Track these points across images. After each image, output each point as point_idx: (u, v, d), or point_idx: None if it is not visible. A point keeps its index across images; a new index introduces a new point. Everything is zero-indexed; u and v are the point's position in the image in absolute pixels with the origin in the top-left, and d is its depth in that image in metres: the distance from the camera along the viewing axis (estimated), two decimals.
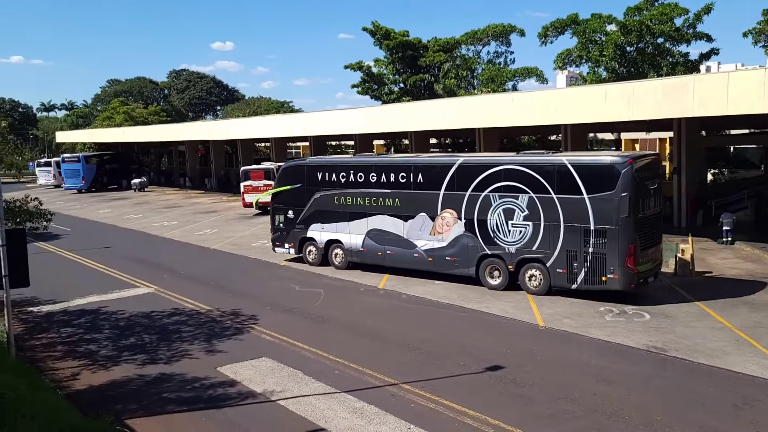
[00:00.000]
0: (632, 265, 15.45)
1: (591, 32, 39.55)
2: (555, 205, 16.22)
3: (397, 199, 19.14)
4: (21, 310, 16.67)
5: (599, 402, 10.26)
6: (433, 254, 18.57)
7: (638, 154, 16.62)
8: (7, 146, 18.71)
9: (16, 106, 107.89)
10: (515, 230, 17.02)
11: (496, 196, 17.21)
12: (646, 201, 16.04)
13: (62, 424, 8.46)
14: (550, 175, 16.36)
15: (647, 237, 16.10)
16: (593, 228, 15.70)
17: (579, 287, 16.22)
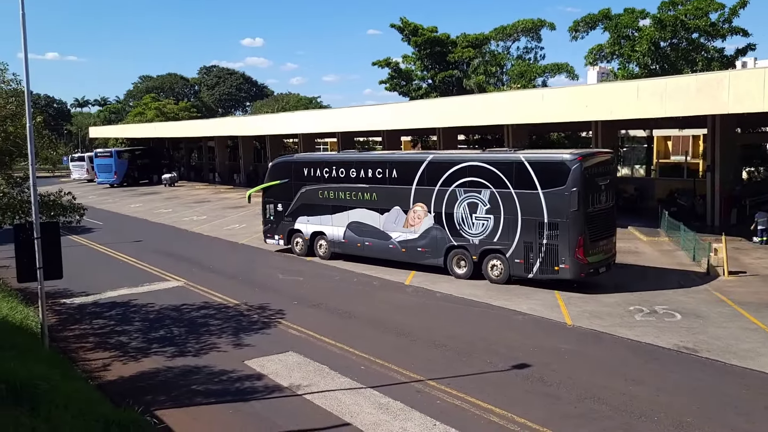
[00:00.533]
0: (582, 256, 16.42)
1: (623, 27, 38.89)
2: (513, 200, 17.30)
3: (375, 194, 20.36)
4: (54, 302, 17.01)
5: (628, 402, 10.12)
6: (406, 245, 19.70)
7: (589, 152, 17.87)
8: (43, 141, 19.11)
9: (51, 101, 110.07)
10: (478, 223, 18.11)
11: (461, 190, 18.34)
12: (597, 196, 16.90)
13: (94, 414, 8.61)
14: (508, 171, 17.43)
15: (598, 230, 16.98)
16: (547, 221, 16.72)
17: (535, 276, 17.20)
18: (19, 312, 14.15)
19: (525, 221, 17.13)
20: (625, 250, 22.32)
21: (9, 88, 17.40)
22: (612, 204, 17.79)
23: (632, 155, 42.89)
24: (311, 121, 42.12)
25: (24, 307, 14.81)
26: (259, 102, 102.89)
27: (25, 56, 11.41)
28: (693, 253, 20.45)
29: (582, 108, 23.67)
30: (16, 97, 17.16)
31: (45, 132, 20.69)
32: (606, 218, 17.42)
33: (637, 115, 22.79)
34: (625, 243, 23.71)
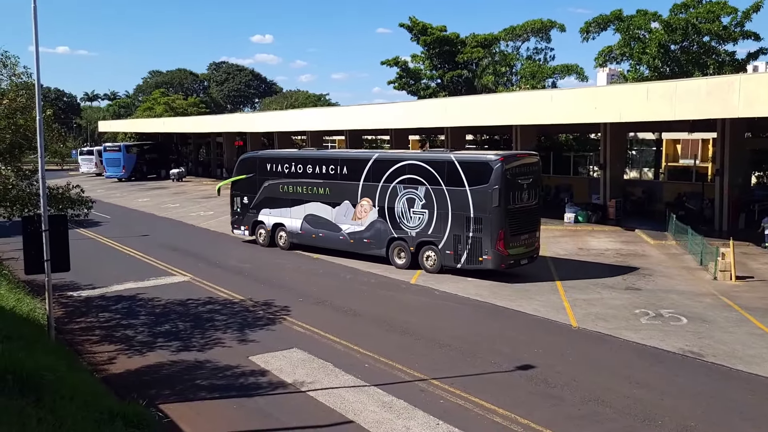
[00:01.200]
0: (502, 249, 17.88)
1: (635, 29, 38.73)
2: (445, 196, 18.77)
3: (328, 189, 21.93)
4: (61, 294, 17.10)
5: (632, 405, 10.09)
6: (354, 237, 21.23)
7: (511, 154, 19.34)
8: (52, 134, 19.19)
9: (61, 95, 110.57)
10: (415, 217, 19.62)
11: (401, 187, 19.86)
12: (518, 194, 18.28)
13: (99, 406, 8.65)
14: (441, 170, 18.92)
15: (519, 225, 18.39)
16: (472, 216, 18.20)
17: (463, 266, 18.64)
18: (26, 304, 14.23)
19: (454, 216, 18.58)
20: (632, 253, 22.29)
21: (20, 81, 17.49)
22: (535, 202, 19.07)
23: (641, 158, 42.74)
24: (319, 119, 42.15)
25: (31, 299, 14.89)
26: (268, 99, 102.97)
27: (36, 50, 11.47)
28: (700, 257, 20.37)
29: (591, 110, 23.59)
30: (27, 90, 17.26)
31: (54, 125, 20.77)
32: (528, 215, 18.79)
33: (647, 117, 22.70)
34: (632, 246, 23.67)
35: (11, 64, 16.95)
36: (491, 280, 18.23)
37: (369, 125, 38.63)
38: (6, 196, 16.43)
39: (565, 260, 21.32)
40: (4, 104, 16.84)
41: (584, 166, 40.79)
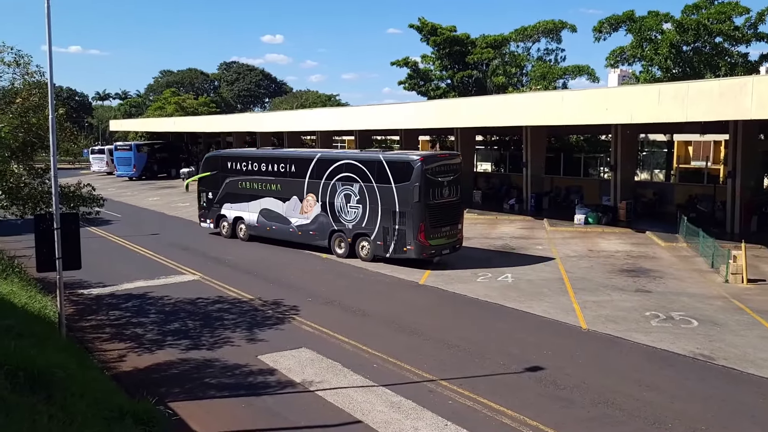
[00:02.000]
0: (423, 240, 19.61)
1: (647, 30, 38.54)
2: (375, 192, 20.53)
3: (279, 185, 23.80)
4: (72, 292, 17.20)
5: (642, 408, 10.03)
6: (302, 229, 23.07)
7: (432, 154, 21.23)
8: (64, 133, 19.31)
9: (73, 94, 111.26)
10: (352, 211, 21.36)
11: (339, 184, 21.64)
12: (438, 190, 19.91)
13: (109, 403, 8.69)
14: (372, 169, 20.71)
15: (440, 218, 20.02)
16: (398, 210, 19.98)
17: (391, 256, 20.38)
18: (37, 301, 14.32)
19: (383, 210, 20.37)
20: (643, 255, 22.17)
21: (33, 80, 17.61)
22: (456, 198, 20.72)
23: (652, 159, 42.51)
24: (328, 119, 42.19)
25: (42, 297, 14.99)
26: (278, 98, 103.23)
27: (49, 49, 11.55)
28: (711, 259, 20.23)
29: (602, 111, 23.47)
30: (39, 89, 17.38)
31: (66, 124, 20.90)
32: (449, 209, 20.42)
33: (658, 119, 22.53)
34: (643, 248, 23.54)
35: (24, 63, 17.06)
36: (500, 281, 18.18)
37: (378, 126, 38.62)
38: (18, 195, 16.54)
39: (574, 261, 21.23)
40: (17, 103, 16.96)
41: (595, 167, 40.62)
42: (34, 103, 17.01)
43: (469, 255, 22.26)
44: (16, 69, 16.99)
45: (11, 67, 16.83)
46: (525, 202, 34.18)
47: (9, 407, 5.97)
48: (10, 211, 16.63)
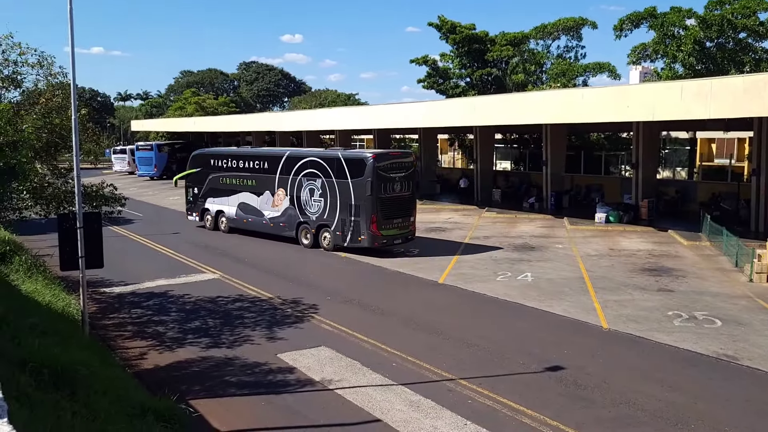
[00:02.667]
0: (375, 230, 21.39)
1: (669, 26, 38.04)
2: (335, 187, 22.31)
3: (254, 180, 25.72)
4: (95, 291, 17.41)
5: (664, 408, 9.91)
6: (273, 221, 24.96)
7: (384, 152, 23.44)
8: (86, 133, 19.56)
9: (95, 95, 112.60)
10: (315, 204, 23.23)
11: (305, 179, 23.54)
12: (390, 185, 21.67)
13: (131, 400, 8.78)
14: (332, 165, 22.56)
15: (392, 211, 21.82)
16: (353, 203, 21.72)
17: (348, 245, 22.17)
18: (61, 299, 14.50)
19: (342, 203, 22.12)
20: (665, 254, 21.91)
21: (56, 81, 17.85)
22: (408, 193, 22.44)
23: (674, 157, 42.02)
24: (347, 118, 42.25)
25: (66, 295, 15.17)
26: (297, 98, 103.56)
27: (71, 50, 11.68)
28: (735, 258, 19.93)
29: (623, 108, 23.24)
30: (62, 90, 17.61)
31: (89, 125, 21.16)
32: (401, 203, 22.14)
33: (681, 116, 22.29)
34: (665, 247, 23.27)
35: (48, 65, 17.30)
36: (522, 281, 18.09)
37: (396, 124, 38.63)
38: (42, 194, 16.79)
39: (595, 260, 21.04)
40: (41, 104, 17.21)
41: (616, 165, 40.23)
42: (57, 103, 17.25)
43: (488, 254, 22.17)
44: (39, 70, 17.24)
45: (35, 68, 17.08)
46: (545, 200, 33.97)
47: (34, 404, 6.05)
48: (34, 211, 16.87)
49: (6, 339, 8.07)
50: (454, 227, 28.30)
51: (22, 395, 5.97)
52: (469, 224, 29.08)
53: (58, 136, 17.15)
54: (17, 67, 16.68)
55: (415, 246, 23.64)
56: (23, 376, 6.77)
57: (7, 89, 16.90)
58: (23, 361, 7.27)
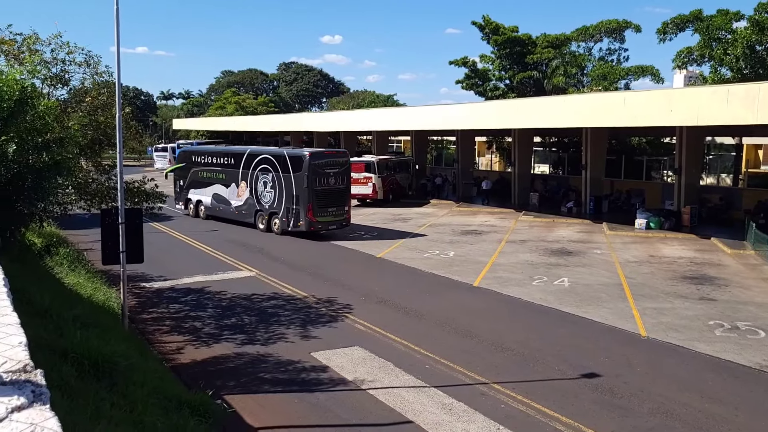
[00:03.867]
0: (311, 217, 25.09)
1: (715, 29, 37.09)
2: (282, 180, 26.09)
3: (224, 174, 29.69)
4: (134, 285, 17.76)
5: (703, 420, 9.67)
6: (238, 210, 28.83)
7: (320, 151, 28.35)
8: (130, 131, 20.00)
9: (138, 94, 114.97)
10: (267, 195, 27.05)
11: (260, 173, 27.36)
12: (324, 179, 25.39)
13: (168, 393, 8.93)
14: (279, 161, 26.39)
15: (327, 201, 25.46)
16: (294, 194, 25.51)
17: (291, 230, 25.86)
18: (102, 293, 14.86)
19: (287, 194, 25.86)
20: (707, 262, 21.37)
21: (101, 80, 18.30)
22: (343, 186, 26.06)
23: (719, 163, 40.98)
24: (384, 119, 42.30)
25: (107, 289, 15.54)
26: (335, 98, 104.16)
27: (117, 50, 11.95)
28: None
29: (666, 112, 22.74)
30: (108, 89, 18.05)
31: (132, 123, 21.64)
32: (335, 194, 25.72)
33: (727, 121, 21.69)
34: (707, 255, 22.71)
35: (94, 64, 17.75)
36: (558, 286, 17.86)
37: (434, 126, 38.52)
38: (86, 190, 17.21)
39: (634, 267, 20.64)
40: (87, 102, 17.66)
41: (658, 170, 39.41)
42: (103, 102, 17.69)
43: (524, 258, 21.95)
44: (86, 69, 17.71)
45: (82, 67, 17.54)
46: (583, 205, 33.47)
47: (75, 393, 6.20)
48: (78, 206, 17.31)
49: (50, 329, 8.30)
50: (490, 230, 28.09)
51: (64, 385, 6.12)
52: (506, 228, 28.83)
53: (102, 134, 17.57)
54: (65, 65, 17.16)
55: (450, 248, 23.53)
56: (65, 366, 6.95)
57: (55, 87, 17.36)
58: (65, 351, 7.45)
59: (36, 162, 10.46)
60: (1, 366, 2.09)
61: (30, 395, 1.89)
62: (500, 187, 41.28)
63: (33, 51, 16.42)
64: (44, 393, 1.90)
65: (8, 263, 8.62)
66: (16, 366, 2.11)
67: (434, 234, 27.05)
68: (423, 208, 36.38)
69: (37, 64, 13.98)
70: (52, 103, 12.39)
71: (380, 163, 37.37)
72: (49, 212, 12.82)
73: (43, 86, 16.15)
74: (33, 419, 1.77)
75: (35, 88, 11.53)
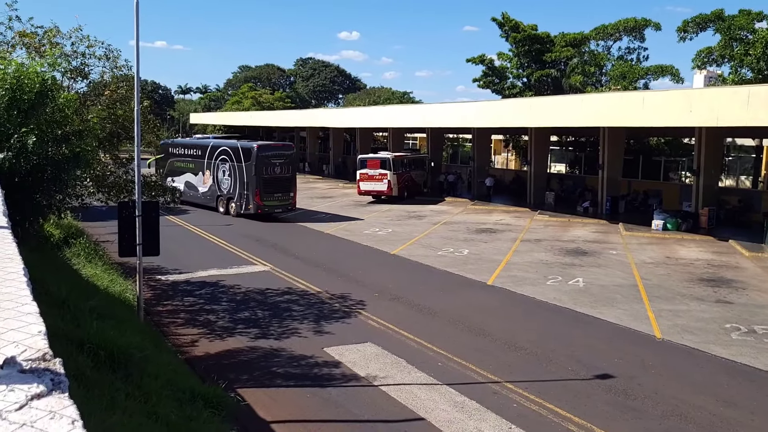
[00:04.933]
0: (259, 201, 28.99)
1: (737, 29, 36.64)
2: (236, 169, 30.08)
3: (193, 164, 33.65)
4: (150, 277, 17.90)
5: (717, 423, 9.58)
6: (204, 195, 32.48)
7: (266, 144, 31.83)
8: (148, 125, 20.15)
9: (156, 87, 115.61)
10: (226, 182, 30.92)
11: (220, 163, 31.32)
12: (271, 168, 29.29)
13: (182, 385, 9.01)
14: (234, 152, 30.47)
15: (273, 188, 29.43)
16: (246, 181, 29.42)
17: (243, 212, 29.75)
18: (118, 284, 15.01)
19: (239, 181, 29.80)
20: (724, 265, 21.15)
21: (120, 73, 18.45)
22: (288, 174, 29.90)
23: (738, 165, 40.49)
24: (400, 116, 42.25)
25: (123, 280, 15.69)
26: (351, 95, 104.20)
27: (136, 44, 12.05)
28: None
29: (685, 113, 22.53)
30: (127, 83, 18.19)
31: (150, 116, 21.80)
32: (281, 182, 29.64)
33: (747, 122, 21.42)
34: (725, 257, 22.47)
35: (114, 57, 17.89)
36: (573, 286, 17.77)
37: (450, 123, 38.43)
38: (104, 182, 17.37)
39: (650, 268, 20.48)
40: (106, 95, 17.82)
41: (676, 171, 39.02)
42: (121, 95, 17.82)
43: (539, 257, 21.86)
44: (106, 62, 17.84)
45: (101, 60, 17.68)
46: (600, 205, 33.24)
47: (90, 383, 6.27)
48: (96, 198, 17.48)
49: (67, 320, 8.39)
50: (504, 229, 28.00)
51: (80, 375, 6.20)
52: (521, 227, 28.71)
53: (120, 127, 17.72)
54: (85, 59, 17.30)
55: (464, 246, 23.50)
56: (81, 357, 7.03)
57: (75, 80, 17.52)
58: (82, 342, 7.54)
59: (55, 154, 10.58)
60: (20, 354, 2.12)
61: (49, 383, 1.91)
62: (516, 186, 41.12)
63: (54, 44, 16.58)
64: (63, 381, 1.92)
65: (27, 253, 8.73)
66: (36, 354, 2.14)
67: (448, 232, 27.01)
68: (438, 205, 36.33)
69: (58, 57, 14.10)
70: (71, 95, 12.52)
71: (396, 160, 37.33)
72: (67, 204, 12.95)
73: (63, 79, 16.29)
74: (52, 407, 1.79)
75: (55, 80, 11.63)
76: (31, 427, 1.69)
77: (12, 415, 1.75)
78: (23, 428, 1.68)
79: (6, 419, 1.73)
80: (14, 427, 1.69)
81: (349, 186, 44.51)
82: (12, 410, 1.77)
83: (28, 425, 1.70)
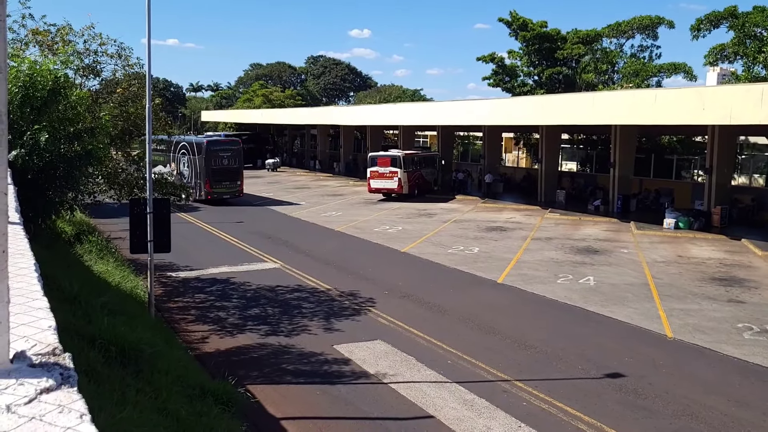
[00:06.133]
0: (209, 188, 34.18)
1: (751, 26, 36.29)
2: (194, 161, 35.13)
3: (163, 157, 36.03)
4: (161, 274, 18.01)
5: (729, 423, 9.51)
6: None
7: (216, 139, 39.59)
8: (159, 122, 20.24)
9: (168, 85, 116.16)
10: (186, 172, 35.29)
11: (182, 156, 36.24)
12: (219, 160, 34.81)
13: (192, 382, 9.06)
14: (191, 147, 35.67)
15: (221, 177, 34.65)
16: (199, 171, 34.53)
17: (197, 199, 32.98)
18: (130, 281, 15.11)
19: (195, 171, 34.78)
20: (737, 264, 20.99)
21: (132, 71, 18.56)
22: (235, 166, 35.45)
23: (751, 163, 40.16)
24: (411, 114, 42.21)
25: (134, 277, 15.80)
26: (362, 93, 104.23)
27: (148, 42, 12.10)
28: None
29: (698, 111, 22.34)
30: (138, 80, 18.29)
31: (161, 114, 21.90)
32: (229, 172, 35.00)
33: (761, 120, 21.21)
34: (737, 256, 22.30)
35: (125, 56, 18.01)
36: (583, 285, 17.70)
37: (460, 121, 38.35)
38: (116, 180, 17.48)
39: (662, 267, 20.35)
40: (118, 93, 17.92)
41: (688, 170, 38.76)
42: (133, 93, 17.92)
43: (550, 256, 21.78)
44: (118, 60, 17.97)
45: (113, 58, 17.80)
46: (611, 203, 33.06)
47: (101, 378, 6.32)
48: (108, 195, 17.60)
49: (78, 316, 8.45)
50: (515, 227, 27.92)
51: (90, 370, 6.24)
52: (531, 225, 28.62)
53: (132, 124, 17.82)
54: (97, 56, 17.42)
55: (474, 245, 23.46)
56: (92, 352, 7.07)
57: (87, 78, 17.64)
58: (93, 337, 7.59)
59: (67, 151, 10.66)
60: (30, 349, 2.14)
61: (58, 378, 1.93)
62: (527, 183, 40.96)
63: (66, 42, 16.71)
64: (72, 376, 1.93)
65: (39, 250, 8.80)
66: (46, 349, 2.16)
67: (459, 230, 26.97)
68: (448, 203, 36.29)
69: (70, 55, 14.24)
70: (84, 93, 12.61)
71: (406, 158, 37.30)
72: (79, 201, 13.04)
73: (76, 77, 16.41)
74: (61, 401, 1.80)
75: (68, 78, 11.71)
76: (39, 421, 1.70)
77: (21, 408, 1.77)
78: (32, 422, 1.70)
79: (15, 413, 1.75)
80: (23, 420, 1.71)
81: (359, 184, 44.53)
82: (21, 404, 1.79)
83: (36, 419, 1.71)
